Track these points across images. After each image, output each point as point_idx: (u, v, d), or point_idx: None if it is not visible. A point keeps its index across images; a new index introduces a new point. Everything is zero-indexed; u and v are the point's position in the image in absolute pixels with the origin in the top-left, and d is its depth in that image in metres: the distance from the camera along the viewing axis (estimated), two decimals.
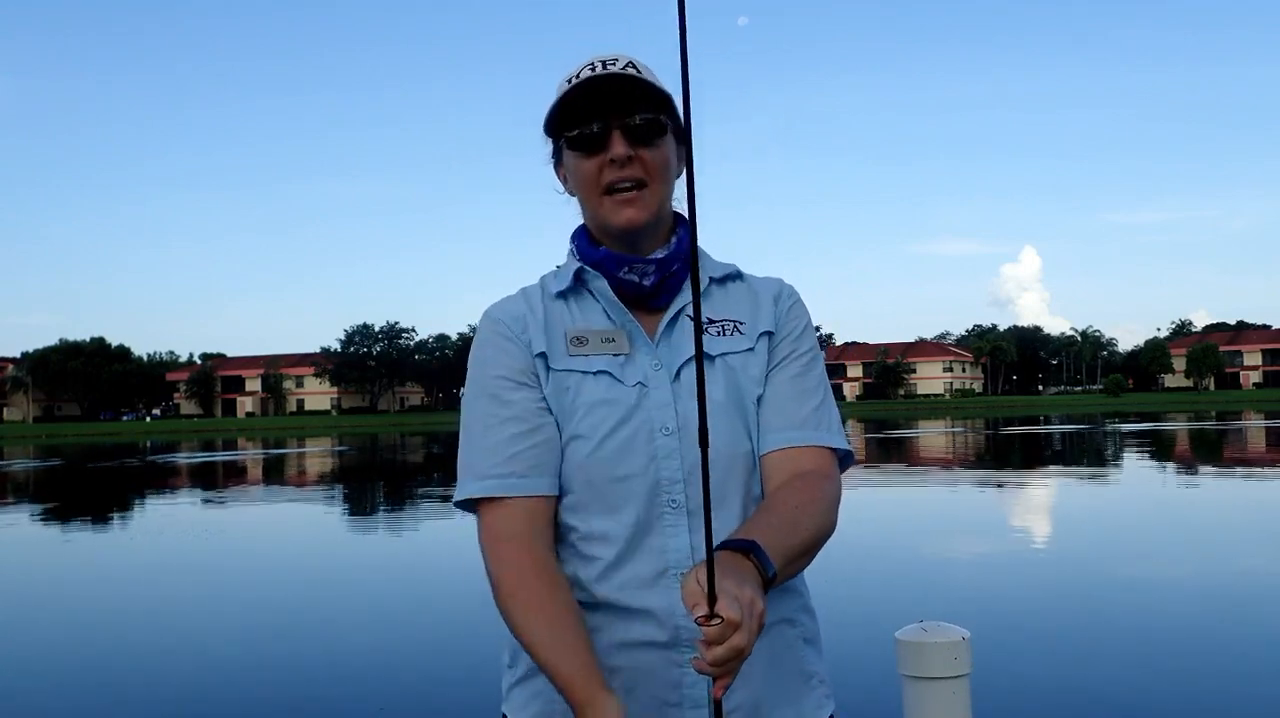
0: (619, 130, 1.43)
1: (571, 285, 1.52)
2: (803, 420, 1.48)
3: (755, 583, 1.18)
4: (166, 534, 14.55)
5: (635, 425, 1.43)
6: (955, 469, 23.21)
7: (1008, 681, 5.69)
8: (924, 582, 8.90)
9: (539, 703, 1.47)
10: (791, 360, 1.52)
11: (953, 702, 1.83)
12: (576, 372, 1.46)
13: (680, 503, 1.42)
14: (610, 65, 1.44)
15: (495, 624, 1.37)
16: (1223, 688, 5.59)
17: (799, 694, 1.49)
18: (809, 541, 1.36)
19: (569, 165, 1.50)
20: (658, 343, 1.49)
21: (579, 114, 1.44)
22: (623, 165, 1.43)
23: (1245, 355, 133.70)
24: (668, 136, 1.47)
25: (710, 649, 1.08)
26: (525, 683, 1.50)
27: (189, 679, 6.42)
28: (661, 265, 1.49)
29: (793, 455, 1.45)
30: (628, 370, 1.46)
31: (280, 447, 49.15)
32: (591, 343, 1.48)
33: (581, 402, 1.44)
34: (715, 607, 1.08)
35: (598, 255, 1.50)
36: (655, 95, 1.44)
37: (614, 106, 1.43)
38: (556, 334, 1.49)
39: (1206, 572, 9.12)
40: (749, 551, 1.23)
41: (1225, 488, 17.41)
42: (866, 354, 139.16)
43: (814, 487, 1.41)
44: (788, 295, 1.57)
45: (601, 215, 1.47)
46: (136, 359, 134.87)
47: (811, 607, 1.56)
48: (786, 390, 1.49)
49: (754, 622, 1.11)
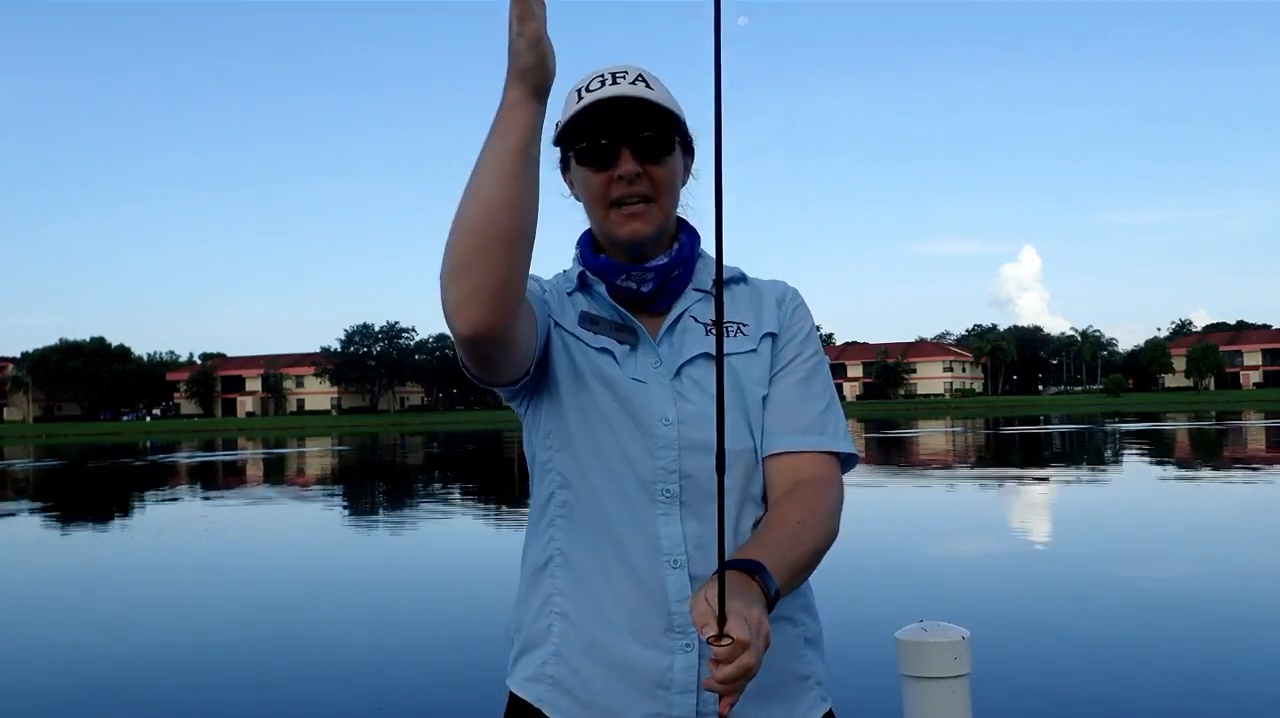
0: (628, 148, 1.45)
1: (578, 287, 1.56)
2: (807, 425, 1.49)
3: (761, 603, 1.23)
4: (166, 535, 14.56)
5: (635, 414, 1.45)
6: (955, 469, 23.21)
7: (1008, 681, 5.69)
8: (924, 582, 8.90)
9: (532, 669, 1.51)
10: (797, 364, 1.53)
11: (953, 702, 1.82)
12: (584, 342, 1.49)
13: (674, 493, 1.44)
14: (621, 79, 1.45)
15: (495, 624, 1.39)
16: (1223, 687, 5.59)
17: (793, 694, 1.50)
18: (811, 554, 1.39)
19: (576, 176, 1.52)
20: (659, 343, 1.50)
21: (588, 130, 1.46)
22: (631, 182, 1.45)
23: (1245, 355, 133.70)
24: (675, 152, 1.50)
25: (720, 668, 1.12)
26: (526, 655, 1.53)
27: (188, 679, 6.42)
28: (661, 272, 1.51)
29: (796, 462, 1.47)
30: (629, 363, 1.48)
31: (280, 446, 49.16)
32: (603, 326, 1.51)
33: (581, 368, 1.47)
34: (725, 627, 1.11)
35: (598, 263, 1.53)
36: (663, 112, 1.45)
37: (623, 124, 1.44)
38: (569, 310, 1.53)
39: (1206, 571, 9.12)
40: (754, 571, 1.26)
41: (1225, 488, 17.40)
42: (866, 354, 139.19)
43: (816, 497, 1.43)
44: (791, 299, 1.59)
45: (608, 227, 1.50)
46: (136, 359, 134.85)
47: (814, 606, 1.57)
48: (792, 394, 1.51)
49: (760, 642, 1.16)
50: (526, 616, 1.53)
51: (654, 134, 1.45)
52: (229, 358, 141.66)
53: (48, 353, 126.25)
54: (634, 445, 1.44)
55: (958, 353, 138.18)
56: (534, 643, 1.51)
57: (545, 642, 1.50)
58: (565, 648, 1.47)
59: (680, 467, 1.44)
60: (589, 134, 1.46)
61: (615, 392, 1.46)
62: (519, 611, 1.56)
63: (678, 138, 1.49)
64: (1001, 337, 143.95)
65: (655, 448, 1.44)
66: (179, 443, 59.34)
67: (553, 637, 1.49)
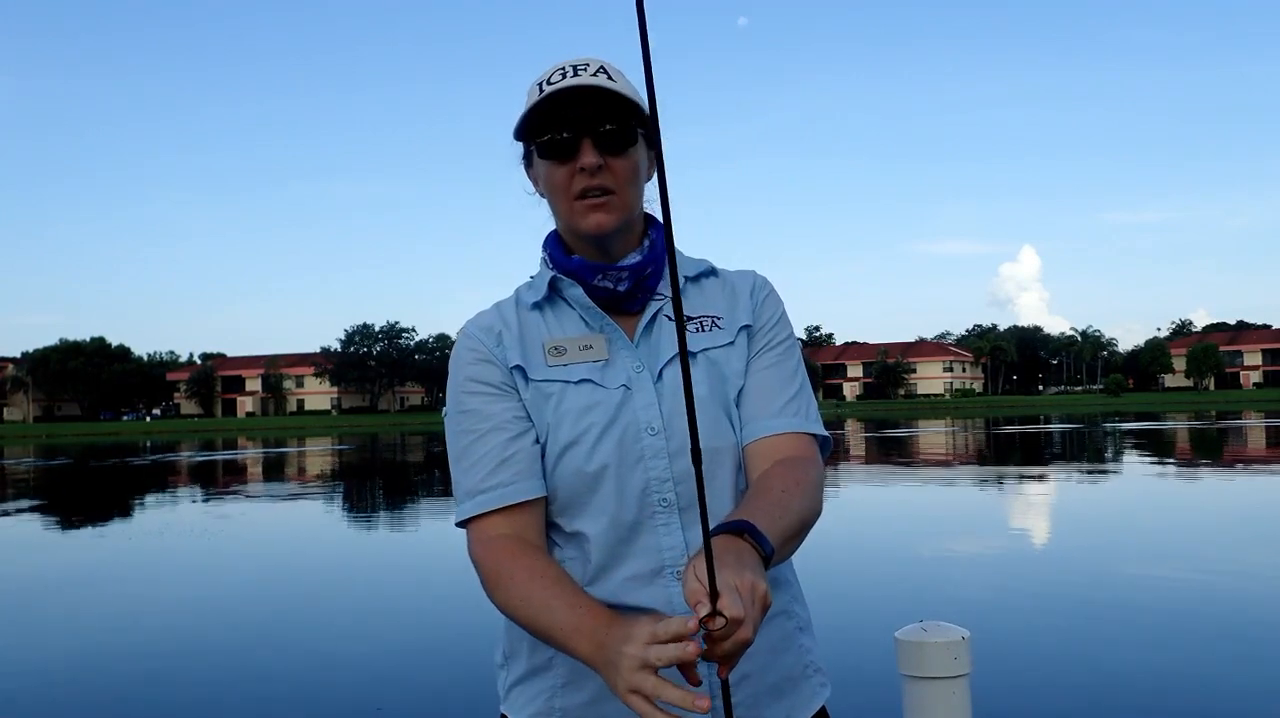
0: (589, 139, 1.44)
1: (547, 295, 1.53)
2: (781, 408, 1.49)
3: (754, 564, 1.19)
4: (166, 535, 14.54)
5: (622, 428, 1.44)
6: (955, 468, 23.21)
7: (1008, 680, 5.69)
8: (924, 582, 8.89)
9: (539, 702, 1.48)
10: (768, 350, 1.53)
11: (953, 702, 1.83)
12: (558, 381, 1.47)
13: (671, 502, 1.43)
14: (582, 71, 1.44)
15: (491, 625, 1.39)
16: (1223, 687, 5.58)
17: (796, 687, 1.52)
18: (799, 522, 1.36)
19: (539, 171, 1.51)
20: (637, 344, 1.50)
21: (549, 122, 1.45)
22: (593, 174, 1.44)
23: (1245, 355, 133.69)
24: (638, 143, 1.48)
25: (717, 646, 1.10)
26: (525, 683, 1.51)
27: (187, 678, 6.41)
28: (635, 271, 1.50)
29: (774, 443, 1.46)
30: (609, 375, 1.47)
31: (280, 446, 49.16)
32: (570, 352, 1.49)
33: (566, 409, 1.45)
34: (717, 603, 1.08)
35: (572, 265, 1.51)
36: (625, 103, 1.44)
37: (584, 116, 1.43)
38: (534, 346, 1.50)
39: (1206, 571, 9.11)
40: (743, 531, 1.24)
41: (1225, 487, 17.40)
42: (866, 354, 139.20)
43: (799, 470, 1.42)
44: (761, 286, 1.59)
45: (571, 220, 1.48)
46: (136, 359, 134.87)
47: (802, 596, 1.60)
48: (764, 379, 1.51)
49: (757, 609, 1.12)
50: (521, 646, 1.51)
51: (615, 126, 1.44)
52: (229, 358, 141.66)
53: (48, 353, 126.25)
54: (625, 461, 1.43)
55: (958, 353, 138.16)
56: (535, 672, 1.49)
57: (549, 671, 1.48)
58: (573, 677, 1.45)
59: (673, 473, 1.43)
60: (549, 127, 1.45)
61: (601, 415, 1.44)
62: (511, 637, 1.54)
63: (640, 130, 1.48)
64: (1001, 337, 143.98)
65: (647, 459, 1.43)
66: (179, 443, 59.34)
67: (556, 667, 1.47)
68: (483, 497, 1.43)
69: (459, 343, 1.54)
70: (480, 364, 1.49)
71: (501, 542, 1.41)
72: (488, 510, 1.43)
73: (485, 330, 1.52)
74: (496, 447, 1.44)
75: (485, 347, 1.50)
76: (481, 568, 1.41)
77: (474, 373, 1.49)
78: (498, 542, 1.41)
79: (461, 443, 1.48)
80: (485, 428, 1.46)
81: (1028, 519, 13.96)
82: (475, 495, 1.44)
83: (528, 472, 1.44)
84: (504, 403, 1.47)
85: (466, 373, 1.50)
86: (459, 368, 1.51)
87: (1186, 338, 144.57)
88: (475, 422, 1.47)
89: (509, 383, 1.48)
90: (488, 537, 1.42)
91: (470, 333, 1.53)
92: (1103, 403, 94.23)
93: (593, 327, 1.51)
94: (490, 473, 1.44)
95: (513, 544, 1.40)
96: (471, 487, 1.45)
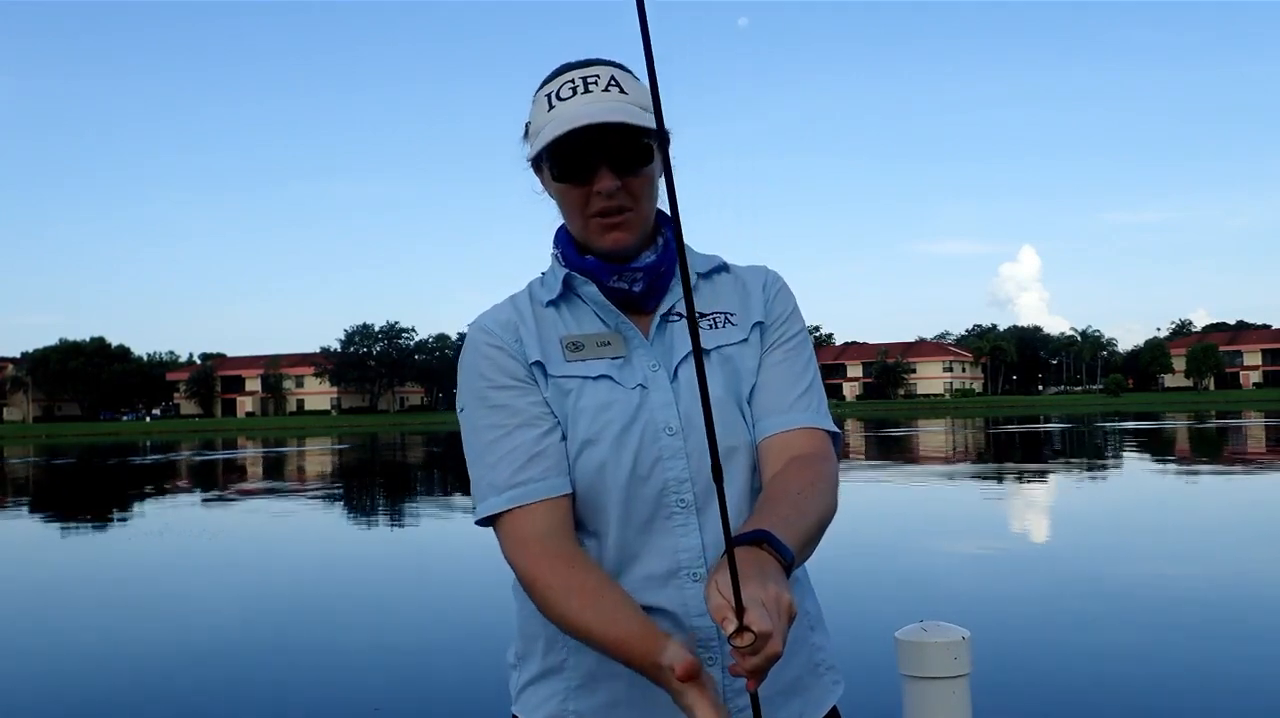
0: (606, 165, 1.42)
1: (561, 293, 1.51)
2: (793, 404, 1.47)
3: (777, 573, 1.17)
4: (166, 536, 14.55)
5: (640, 427, 1.42)
6: (955, 468, 23.21)
7: (1008, 680, 5.69)
8: (924, 582, 8.89)
9: (553, 704, 1.47)
10: (779, 345, 1.52)
11: (953, 702, 1.82)
12: (576, 377, 1.45)
13: (689, 502, 1.42)
14: (593, 85, 1.42)
15: (491, 625, 1.38)
16: (1222, 686, 5.59)
17: (810, 685, 1.51)
18: (817, 523, 1.35)
19: (550, 185, 1.49)
20: (652, 342, 1.48)
21: (564, 152, 1.42)
22: (610, 196, 1.42)
23: (1245, 355, 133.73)
24: (653, 159, 1.46)
25: (746, 661, 1.07)
26: (538, 684, 1.49)
27: (186, 677, 6.42)
28: (650, 270, 1.49)
29: (788, 440, 1.45)
30: (626, 373, 1.45)
31: (280, 446, 49.14)
32: (588, 348, 1.47)
33: (584, 406, 1.43)
34: (745, 619, 1.06)
35: (586, 264, 1.49)
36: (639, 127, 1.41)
37: (601, 145, 1.41)
38: (551, 341, 1.48)
39: (1207, 570, 9.12)
40: (762, 541, 1.22)
41: (1225, 487, 17.41)
42: (866, 354, 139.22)
43: (813, 469, 1.40)
44: (773, 281, 1.57)
45: (587, 237, 1.47)
46: (136, 359, 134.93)
47: (812, 591, 1.59)
48: (776, 374, 1.50)
49: (783, 621, 1.10)
50: (535, 646, 1.50)
51: (631, 152, 1.42)
52: (229, 358, 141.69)
53: (48, 353, 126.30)
54: (644, 461, 1.41)
55: (957, 353, 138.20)
56: (548, 673, 1.48)
57: (562, 673, 1.47)
58: (588, 680, 1.44)
59: (691, 473, 1.41)
60: (564, 156, 1.42)
61: (620, 414, 1.42)
62: (524, 637, 1.53)
63: (654, 142, 1.44)
64: (1001, 337, 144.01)
65: (664, 459, 1.42)
66: (179, 443, 59.33)
67: (569, 669, 1.46)
68: (513, 492, 1.39)
69: (474, 337, 1.50)
70: (502, 358, 1.46)
71: (543, 544, 1.38)
72: (519, 506, 1.39)
73: (503, 325, 1.48)
74: (528, 441, 1.41)
75: (504, 341, 1.47)
76: (526, 572, 1.37)
77: (496, 367, 1.45)
78: (540, 544, 1.38)
79: (486, 438, 1.44)
80: (514, 423, 1.42)
81: (1027, 519, 13.96)
82: (505, 491, 1.40)
83: (558, 468, 1.42)
84: (529, 398, 1.44)
85: (487, 367, 1.46)
86: (477, 361, 1.47)
87: (1186, 338, 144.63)
88: (503, 417, 1.43)
89: (530, 378, 1.45)
90: (523, 536, 1.38)
91: (487, 327, 1.49)
92: (1102, 403, 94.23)
93: (609, 324, 1.49)
94: (521, 468, 1.40)
95: (555, 547, 1.37)
96: (500, 482, 1.41)
